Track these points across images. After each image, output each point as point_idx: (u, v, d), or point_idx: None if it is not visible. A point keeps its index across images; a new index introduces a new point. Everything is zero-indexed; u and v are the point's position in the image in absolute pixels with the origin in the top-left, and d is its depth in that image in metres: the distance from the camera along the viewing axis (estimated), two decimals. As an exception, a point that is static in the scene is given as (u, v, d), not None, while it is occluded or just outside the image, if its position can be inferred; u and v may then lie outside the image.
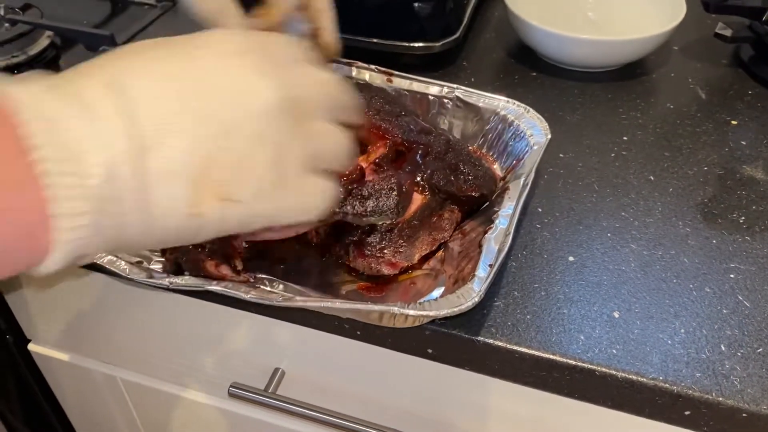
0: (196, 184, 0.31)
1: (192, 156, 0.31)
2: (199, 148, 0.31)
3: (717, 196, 0.60)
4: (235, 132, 0.32)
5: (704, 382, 0.45)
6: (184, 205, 0.31)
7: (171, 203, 0.31)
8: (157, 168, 0.30)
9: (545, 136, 0.57)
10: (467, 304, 0.44)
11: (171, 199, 0.31)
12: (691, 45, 0.81)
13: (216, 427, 0.73)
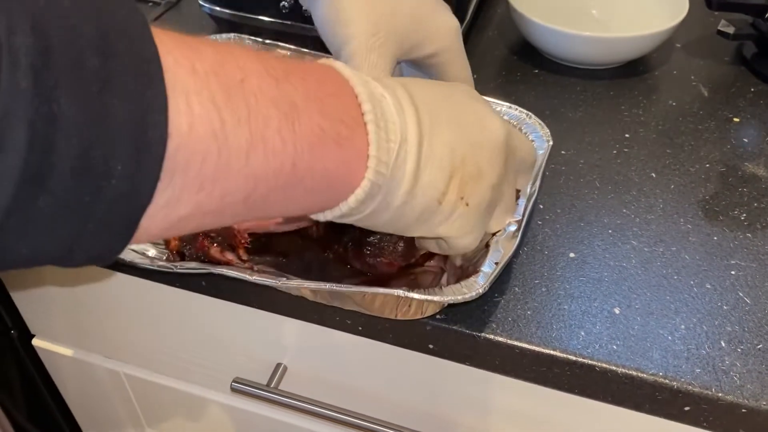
0: (450, 178, 0.38)
1: (453, 153, 0.38)
2: (459, 148, 0.38)
3: (718, 193, 0.60)
4: (479, 147, 0.39)
5: (704, 378, 0.45)
6: (438, 192, 0.38)
7: (431, 185, 0.37)
8: (429, 154, 0.37)
9: (547, 142, 0.57)
10: (471, 294, 0.44)
11: (432, 181, 0.37)
12: (693, 42, 0.81)
13: (218, 421, 0.74)
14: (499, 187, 0.42)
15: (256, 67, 0.30)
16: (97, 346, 0.74)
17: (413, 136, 0.36)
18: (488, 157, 0.40)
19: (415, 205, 0.37)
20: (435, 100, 0.39)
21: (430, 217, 0.39)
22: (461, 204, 0.39)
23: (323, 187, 0.34)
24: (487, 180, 0.40)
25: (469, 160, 0.39)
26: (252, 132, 0.29)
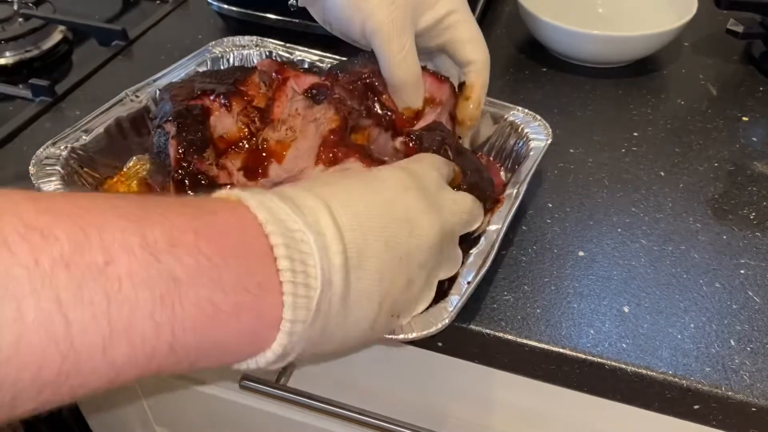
0: (380, 304, 0.36)
1: (381, 278, 0.35)
2: (387, 272, 0.35)
3: (727, 192, 0.60)
4: (409, 258, 0.37)
5: (714, 377, 0.45)
6: (369, 322, 0.36)
7: (361, 319, 0.35)
8: (357, 290, 0.34)
9: (545, 141, 0.57)
10: (437, 327, 0.43)
11: (362, 315, 0.35)
12: (702, 41, 0.81)
13: (227, 419, 0.74)
14: (436, 269, 0.41)
15: (130, 242, 0.26)
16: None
17: (339, 279, 0.33)
18: (420, 263, 0.38)
19: (347, 340, 0.36)
20: (363, 217, 0.35)
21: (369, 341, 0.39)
22: (393, 320, 0.38)
23: (221, 355, 0.31)
24: (417, 283, 0.38)
25: (398, 277, 0.36)
26: (112, 324, 0.25)
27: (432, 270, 0.40)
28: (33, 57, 0.79)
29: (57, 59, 0.80)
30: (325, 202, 0.34)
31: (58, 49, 0.81)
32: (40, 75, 0.74)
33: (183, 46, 0.80)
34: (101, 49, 0.80)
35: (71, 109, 0.71)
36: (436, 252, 0.40)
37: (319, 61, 0.66)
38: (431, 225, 0.39)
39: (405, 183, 0.39)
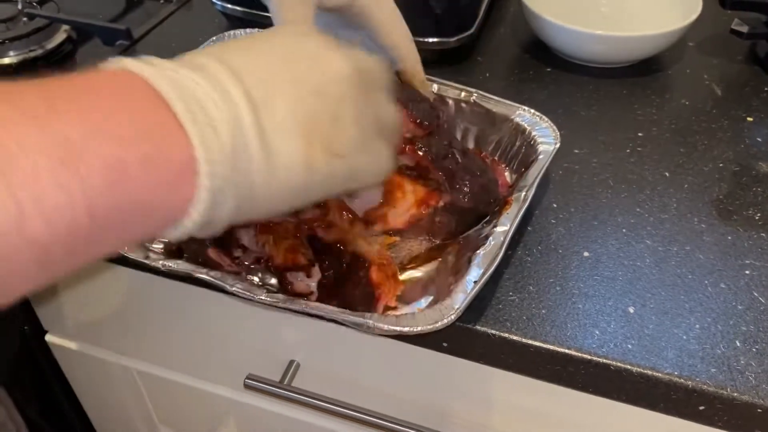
0: (306, 139, 0.33)
1: (297, 113, 0.33)
2: (301, 107, 0.34)
3: (732, 193, 0.60)
4: (324, 93, 0.35)
5: (719, 378, 0.45)
6: (301, 158, 0.33)
7: (290, 156, 0.33)
8: (272, 124, 0.32)
9: (554, 145, 0.57)
10: (443, 321, 0.44)
11: (289, 152, 0.33)
12: (706, 41, 0.80)
13: (231, 418, 0.74)
14: (366, 114, 0.38)
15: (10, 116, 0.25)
16: (110, 342, 0.74)
17: (247, 115, 0.31)
18: (338, 97, 0.36)
19: (286, 182, 0.33)
20: (260, 60, 0.34)
21: (312, 185, 0.35)
22: (336, 158, 0.35)
23: (147, 216, 0.30)
24: (346, 119, 0.36)
25: (318, 112, 0.34)
26: (18, 199, 0.25)
27: (361, 108, 0.37)
28: (37, 56, 0.79)
29: (61, 59, 0.80)
30: (218, 56, 0.33)
31: (62, 48, 0.81)
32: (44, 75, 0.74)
33: (187, 45, 0.80)
34: (105, 49, 0.80)
35: (76, 108, 0.71)
36: (355, 87, 0.37)
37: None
38: (341, 58, 0.37)
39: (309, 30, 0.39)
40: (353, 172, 0.37)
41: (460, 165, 0.52)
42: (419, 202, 0.52)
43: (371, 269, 0.46)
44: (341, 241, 0.47)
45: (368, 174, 0.39)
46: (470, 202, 0.51)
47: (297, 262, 0.47)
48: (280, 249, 0.48)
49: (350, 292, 0.46)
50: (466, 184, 0.51)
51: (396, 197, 0.53)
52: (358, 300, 0.46)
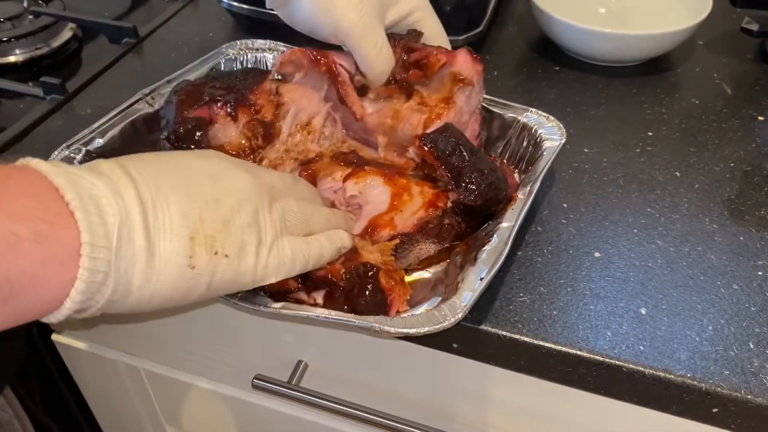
0: (191, 240, 0.37)
1: (186, 217, 0.37)
2: (192, 211, 0.37)
3: (744, 193, 0.59)
4: (217, 202, 0.39)
5: (733, 380, 0.45)
6: (183, 257, 0.37)
7: (171, 254, 0.36)
8: (159, 223, 0.36)
9: (560, 140, 0.57)
10: (450, 321, 0.44)
11: (172, 250, 0.36)
12: (716, 40, 0.80)
13: (238, 419, 0.74)
14: (264, 221, 0.41)
15: None
16: (117, 342, 0.74)
17: (136, 214, 0.35)
18: (232, 206, 0.39)
19: (165, 279, 0.36)
20: (157, 172, 0.38)
21: (193, 285, 0.38)
22: (220, 257, 0.38)
23: (35, 288, 0.33)
24: (238, 224, 0.39)
25: (208, 217, 0.38)
26: None
27: (259, 216, 0.41)
28: (43, 54, 0.79)
29: (67, 57, 0.80)
30: (120, 164, 0.37)
31: (68, 46, 0.81)
32: (50, 73, 0.74)
33: (193, 43, 0.80)
34: (111, 47, 0.80)
35: (82, 106, 0.71)
36: (256, 200, 0.41)
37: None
38: (242, 175, 0.41)
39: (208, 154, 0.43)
40: (244, 276, 0.40)
41: (468, 163, 0.52)
42: (427, 203, 0.52)
43: (380, 276, 0.46)
44: (333, 273, 0.47)
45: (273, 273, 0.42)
46: (477, 200, 0.51)
47: (285, 286, 0.47)
48: None
49: (361, 302, 0.46)
50: (473, 181, 0.51)
51: (403, 200, 0.52)
52: (370, 308, 0.46)
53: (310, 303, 0.48)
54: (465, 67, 0.56)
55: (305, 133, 0.58)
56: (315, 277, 0.47)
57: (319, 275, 0.47)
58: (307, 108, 0.58)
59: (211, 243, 0.38)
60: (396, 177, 0.54)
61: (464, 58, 0.56)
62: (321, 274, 0.47)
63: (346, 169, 0.55)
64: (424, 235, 0.51)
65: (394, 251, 0.50)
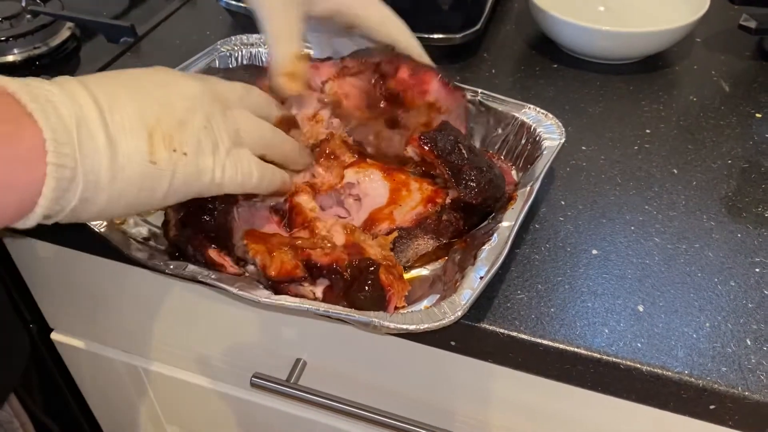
0: (150, 137, 0.38)
1: (142, 116, 0.39)
2: (147, 111, 0.39)
3: (741, 190, 0.59)
4: (170, 104, 0.40)
5: (730, 377, 0.45)
6: (144, 153, 0.38)
7: (133, 151, 0.38)
8: (117, 122, 0.37)
9: (559, 140, 0.57)
10: (449, 318, 0.44)
11: (132, 147, 0.38)
12: (714, 37, 0.80)
13: (237, 416, 0.74)
14: (218, 125, 0.42)
15: None
16: (116, 340, 0.74)
17: (93, 112, 0.36)
18: (185, 107, 0.41)
19: (130, 175, 0.38)
20: (113, 82, 0.39)
21: (157, 181, 0.39)
22: (179, 155, 0.40)
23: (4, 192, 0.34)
24: (194, 125, 0.41)
25: (164, 118, 0.39)
26: None
27: (213, 120, 0.42)
28: (41, 54, 0.79)
29: (65, 56, 0.80)
30: (78, 78, 0.38)
31: (66, 45, 0.81)
32: (48, 72, 0.74)
33: (191, 42, 0.80)
34: (110, 46, 0.80)
35: (80, 106, 0.71)
36: (207, 103, 0.42)
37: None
38: (192, 81, 0.43)
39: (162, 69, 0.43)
40: (203, 174, 0.41)
41: (467, 160, 0.52)
42: (426, 199, 0.52)
43: (380, 271, 0.46)
44: (337, 261, 0.47)
45: (231, 179, 0.43)
46: (477, 198, 0.51)
47: (293, 274, 0.47)
48: (275, 260, 0.48)
49: (360, 297, 0.46)
50: (473, 179, 0.51)
51: (402, 195, 0.52)
52: (369, 303, 0.46)
53: (309, 297, 0.48)
54: (440, 96, 0.55)
55: (313, 122, 0.58)
56: (320, 265, 0.47)
57: (325, 263, 0.47)
58: (310, 104, 0.58)
59: (169, 141, 0.39)
60: (395, 173, 0.55)
61: (437, 87, 0.55)
62: (326, 262, 0.47)
63: (352, 156, 0.56)
64: (422, 230, 0.51)
65: (393, 245, 0.50)
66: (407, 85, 0.55)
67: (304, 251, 0.47)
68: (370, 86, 0.56)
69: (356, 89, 0.57)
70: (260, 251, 0.48)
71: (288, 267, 0.47)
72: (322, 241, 0.48)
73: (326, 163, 0.56)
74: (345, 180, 0.54)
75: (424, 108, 0.56)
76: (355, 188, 0.54)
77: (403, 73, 0.55)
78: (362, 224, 0.52)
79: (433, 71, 0.55)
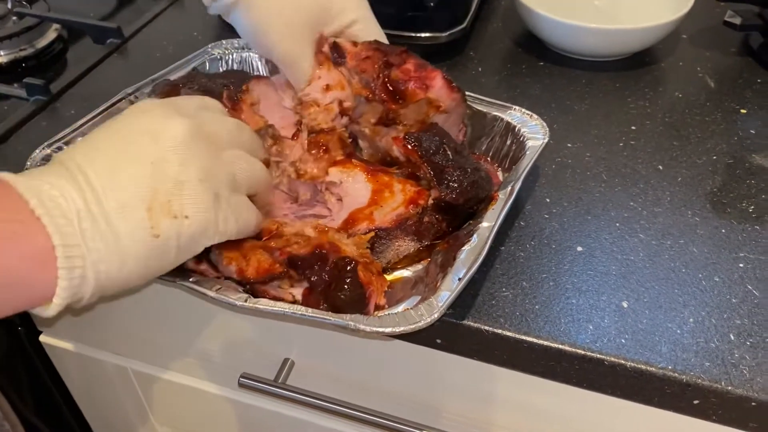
0: (149, 210, 0.38)
1: (139, 189, 0.38)
2: (142, 181, 0.38)
3: (726, 185, 0.60)
4: (163, 161, 0.39)
5: (713, 372, 0.45)
6: (146, 228, 0.38)
7: (134, 230, 0.38)
8: (114, 206, 0.37)
9: (543, 140, 0.57)
10: (426, 320, 0.44)
11: (133, 226, 0.38)
12: (699, 33, 0.80)
13: (226, 417, 0.74)
14: (215, 174, 0.42)
15: None
16: (105, 342, 0.74)
17: (91, 202, 0.37)
18: (178, 161, 0.40)
19: (137, 254, 0.38)
20: (102, 150, 0.39)
21: (164, 250, 0.39)
22: (181, 221, 0.39)
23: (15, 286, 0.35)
24: (191, 182, 0.40)
25: (159, 185, 0.39)
26: None
27: (208, 168, 0.41)
28: (27, 56, 0.78)
29: (52, 58, 0.80)
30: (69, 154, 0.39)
31: (52, 47, 0.81)
32: (34, 74, 0.74)
33: (178, 43, 0.80)
34: (96, 47, 0.80)
35: (66, 108, 0.70)
36: (199, 149, 0.41)
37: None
38: (177, 124, 0.41)
39: (148, 106, 0.43)
40: (207, 230, 0.41)
41: (451, 161, 0.52)
42: (408, 201, 0.52)
43: (358, 269, 0.46)
44: (319, 247, 0.47)
45: (232, 228, 0.43)
46: (458, 199, 0.51)
47: (272, 271, 0.47)
48: (251, 262, 0.47)
49: (340, 296, 0.46)
50: (455, 180, 0.51)
51: (384, 196, 0.52)
52: (349, 302, 0.46)
53: (288, 300, 0.48)
54: (441, 94, 0.55)
55: (323, 109, 0.58)
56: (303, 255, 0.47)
57: (307, 253, 0.47)
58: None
59: (169, 208, 0.39)
60: (379, 174, 0.55)
61: (441, 85, 0.55)
62: (307, 251, 0.47)
63: (341, 155, 0.56)
64: (402, 231, 0.51)
65: (371, 245, 0.50)
66: (411, 76, 0.55)
67: (282, 251, 0.47)
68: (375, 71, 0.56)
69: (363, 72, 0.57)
70: (234, 257, 0.47)
71: (265, 265, 0.47)
72: (295, 237, 0.48)
73: (316, 153, 0.56)
74: (328, 178, 0.54)
75: (423, 103, 0.56)
76: (337, 188, 0.54)
77: (409, 65, 0.56)
78: (342, 224, 0.52)
79: (439, 70, 0.56)
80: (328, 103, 0.58)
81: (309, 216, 0.54)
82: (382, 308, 0.47)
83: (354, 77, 0.57)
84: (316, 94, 0.58)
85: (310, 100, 0.58)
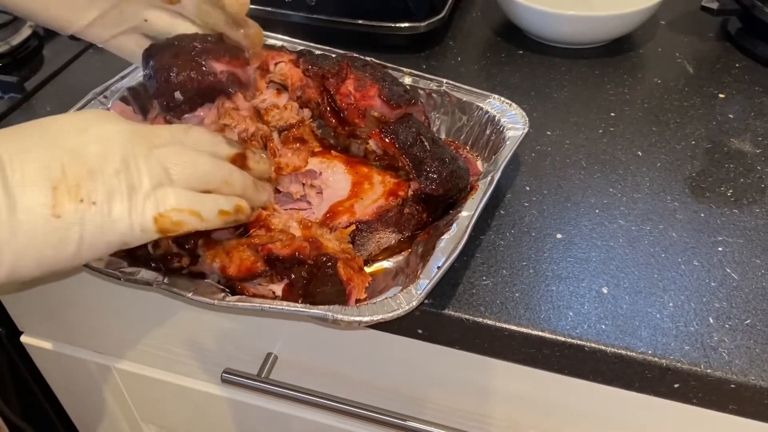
0: (55, 189, 0.37)
1: (47, 168, 0.37)
2: (53, 163, 0.38)
3: (705, 170, 0.60)
4: (82, 153, 0.39)
5: (693, 355, 0.45)
6: (47, 206, 0.37)
7: (34, 205, 0.37)
8: (18, 179, 0.36)
9: (522, 130, 0.57)
10: (404, 308, 0.44)
11: (33, 201, 0.37)
12: (678, 19, 0.80)
13: (211, 412, 0.73)
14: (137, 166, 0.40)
15: None
16: (86, 341, 0.73)
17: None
18: (98, 153, 0.39)
19: (32, 230, 0.37)
20: (25, 134, 0.39)
21: (68, 235, 0.38)
22: (87, 205, 0.38)
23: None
24: (105, 171, 0.39)
25: (71, 168, 0.38)
26: None
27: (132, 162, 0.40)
28: (2, 53, 0.77)
29: (27, 55, 0.79)
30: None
31: (28, 44, 0.80)
32: (10, 71, 0.73)
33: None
34: (72, 44, 0.79)
35: (42, 105, 0.70)
36: (125, 141, 0.40)
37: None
38: (110, 124, 0.41)
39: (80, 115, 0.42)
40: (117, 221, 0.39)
41: (429, 152, 0.52)
42: (388, 193, 0.52)
43: (338, 266, 0.46)
44: (299, 250, 0.47)
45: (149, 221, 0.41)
46: (438, 189, 0.51)
47: (254, 269, 0.46)
48: (233, 259, 0.47)
49: (321, 293, 0.46)
50: (434, 170, 0.51)
51: (363, 189, 0.52)
52: (330, 299, 0.46)
53: (269, 297, 0.47)
54: (384, 111, 0.55)
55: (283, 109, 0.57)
56: (282, 257, 0.46)
57: (286, 254, 0.46)
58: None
59: (76, 192, 0.38)
60: (358, 165, 0.54)
61: (380, 104, 0.55)
62: (287, 253, 0.46)
63: (317, 146, 0.56)
64: (383, 223, 0.51)
65: (352, 239, 0.50)
66: (351, 102, 0.55)
67: (263, 247, 0.47)
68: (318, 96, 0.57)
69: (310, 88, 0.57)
70: (218, 254, 0.47)
71: (248, 263, 0.46)
72: (280, 234, 0.48)
73: (293, 146, 0.55)
74: (309, 166, 0.54)
75: (371, 120, 0.55)
76: (317, 178, 0.53)
77: (349, 83, 0.55)
78: (323, 217, 0.51)
79: (376, 85, 0.55)
80: (286, 102, 0.58)
81: (290, 209, 0.53)
82: (363, 303, 0.47)
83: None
84: (271, 99, 0.57)
85: (267, 105, 0.57)
